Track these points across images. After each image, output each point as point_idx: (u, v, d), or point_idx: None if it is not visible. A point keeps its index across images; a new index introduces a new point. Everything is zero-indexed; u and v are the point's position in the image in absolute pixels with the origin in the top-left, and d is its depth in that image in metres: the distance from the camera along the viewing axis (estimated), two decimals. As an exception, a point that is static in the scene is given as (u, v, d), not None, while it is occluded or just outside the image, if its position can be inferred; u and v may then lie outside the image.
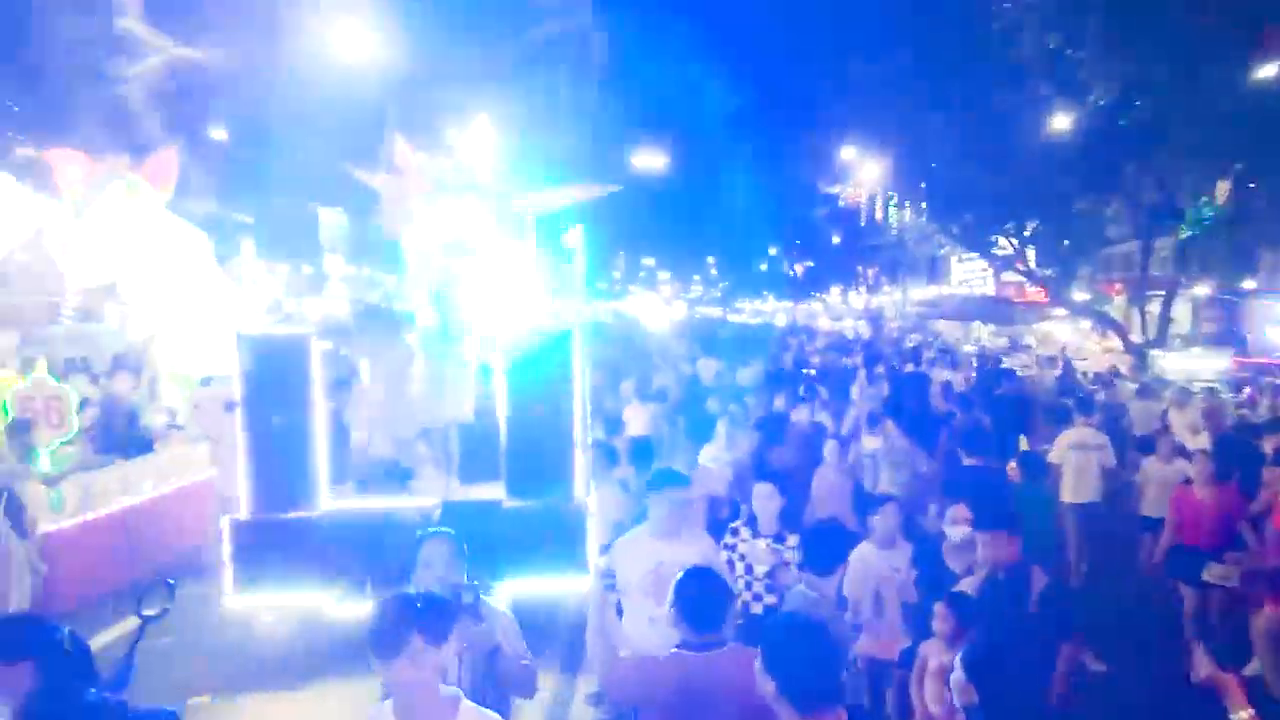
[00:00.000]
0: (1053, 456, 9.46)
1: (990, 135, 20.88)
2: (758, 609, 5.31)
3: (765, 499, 5.58)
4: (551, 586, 6.67)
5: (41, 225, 10.64)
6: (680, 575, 3.58)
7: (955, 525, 5.35)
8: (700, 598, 3.45)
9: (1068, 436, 9.59)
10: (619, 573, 4.64)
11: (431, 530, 4.01)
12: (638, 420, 13.48)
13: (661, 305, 79.80)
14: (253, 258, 8.39)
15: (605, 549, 6.02)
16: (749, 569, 5.38)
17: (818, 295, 60.79)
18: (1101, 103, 18.25)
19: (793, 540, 5.38)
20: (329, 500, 6.82)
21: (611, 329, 33.93)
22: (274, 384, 6.63)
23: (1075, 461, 9.34)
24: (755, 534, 5.49)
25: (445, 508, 6.79)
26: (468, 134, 8.46)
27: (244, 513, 6.62)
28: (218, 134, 22.60)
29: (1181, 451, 9.35)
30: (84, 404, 10.19)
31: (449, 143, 8.55)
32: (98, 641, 7.97)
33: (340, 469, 7.05)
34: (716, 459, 7.99)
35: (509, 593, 6.75)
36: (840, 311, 54.01)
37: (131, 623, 8.25)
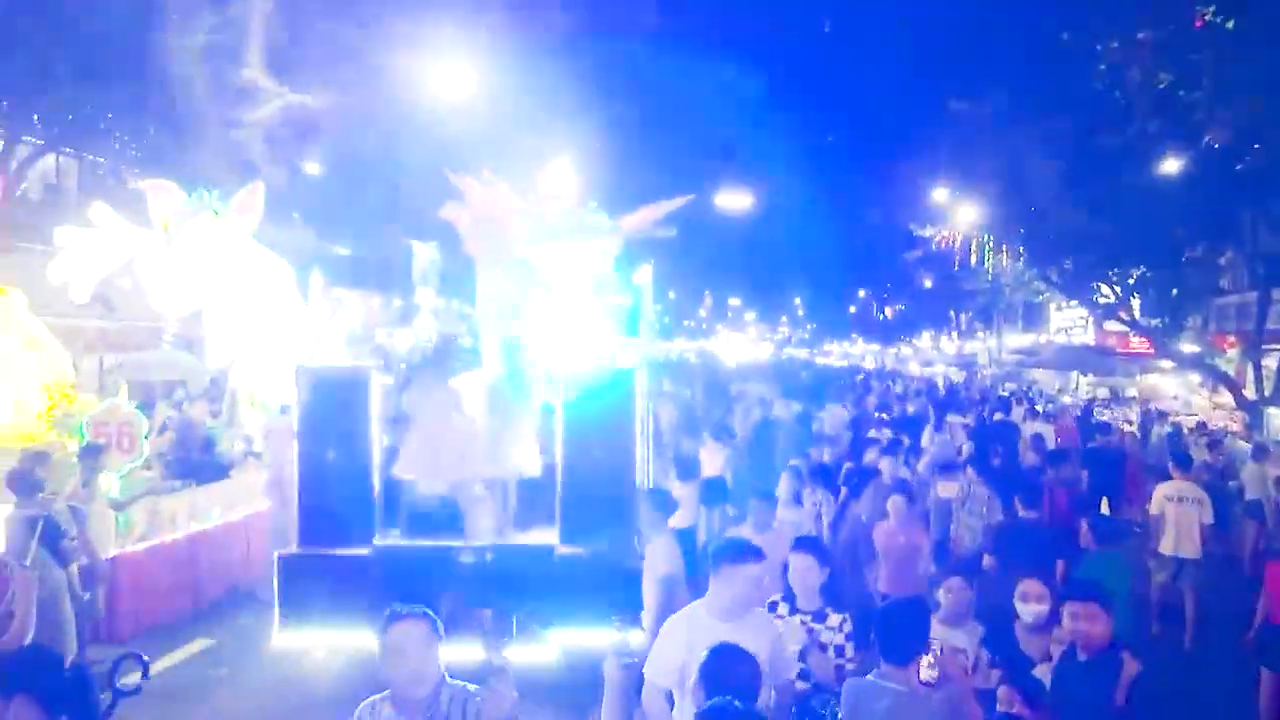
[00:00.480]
0: (1152, 509, 9.30)
1: (1095, 177, 19.98)
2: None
3: (803, 571, 4.77)
4: (604, 639, 6.35)
5: (135, 253, 10.94)
6: (706, 653, 3.22)
7: (1027, 603, 4.79)
8: (724, 678, 3.10)
9: (1164, 489, 9.34)
10: (664, 655, 4.05)
11: (403, 610, 3.44)
12: (713, 462, 13.17)
13: (748, 345, 79.35)
14: (322, 288, 8.36)
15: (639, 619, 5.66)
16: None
17: (907, 339, 59.33)
18: (1216, 145, 17.23)
19: (835, 619, 4.73)
20: (381, 537, 6.67)
21: (694, 368, 33.71)
22: (332, 418, 6.55)
23: (1174, 514, 9.05)
24: (793, 609, 4.82)
25: (497, 551, 6.59)
26: (548, 174, 8.33)
27: (295, 546, 6.52)
28: (319, 170, 23.38)
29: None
30: (163, 428, 10.39)
31: (535, 183, 8.43)
32: (159, 666, 8.03)
33: (393, 506, 6.91)
34: (783, 519, 7.50)
35: (560, 643, 6.51)
36: (931, 357, 52.52)
37: (196, 646, 8.27)
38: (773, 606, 4.86)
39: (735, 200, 28.67)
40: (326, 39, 18.93)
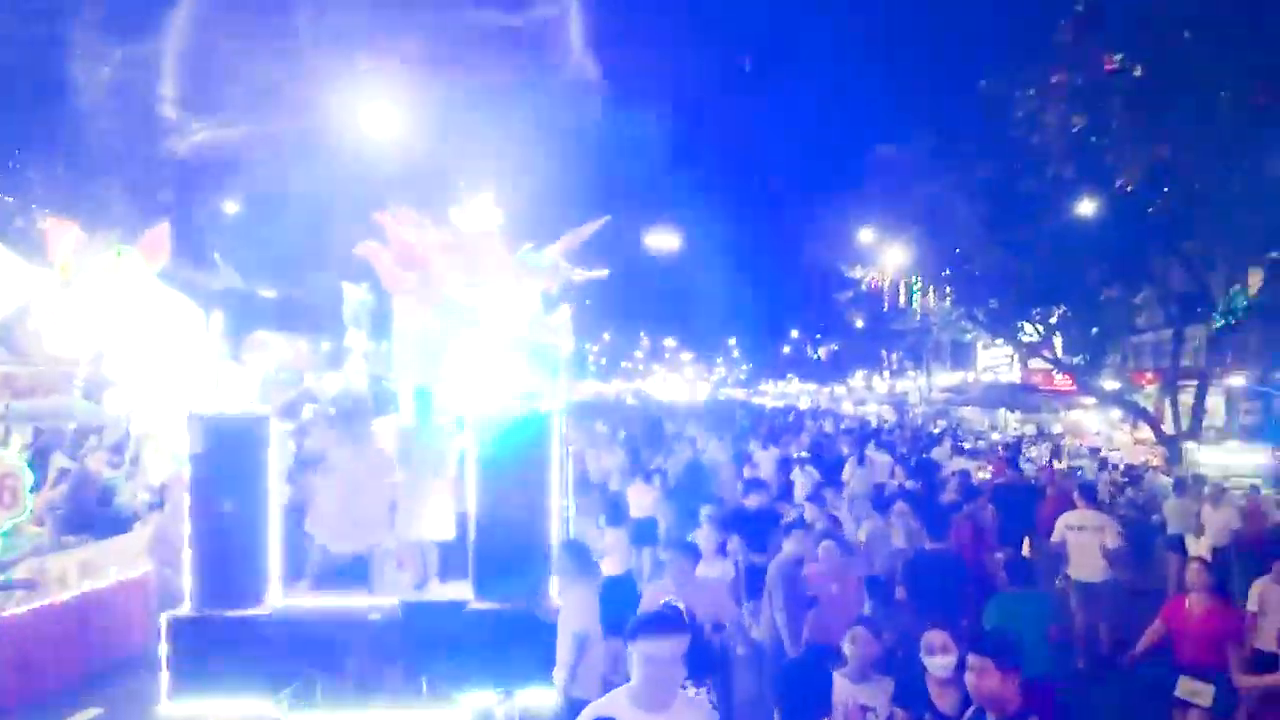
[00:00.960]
0: (1054, 538, 10.02)
1: (1015, 220, 20.49)
2: None
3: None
4: (517, 700, 6.02)
5: (31, 295, 10.38)
6: None
7: (933, 655, 4.52)
8: None
9: (1066, 518, 10.05)
10: None
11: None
12: (641, 503, 12.92)
13: (684, 385, 79.55)
14: (221, 333, 7.96)
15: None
16: None
17: (841, 379, 60.07)
18: (1129, 188, 17.80)
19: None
20: (279, 597, 6.24)
21: (629, 409, 33.51)
22: (226, 468, 6.13)
23: (1074, 541, 9.77)
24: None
25: (405, 608, 6.21)
26: (470, 210, 8.07)
27: (186, 608, 6.06)
28: (241, 210, 22.79)
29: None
30: (59, 480, 9.80)
31: (452, 219, 8.16)
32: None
33: (296, 563, 6.49)
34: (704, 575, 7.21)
35: (471, 704, 6.15)
36: (864, 396, 53.22)
37: (84, 717, 7.64)
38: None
39: (664, 240, 28.76)
40: (250, 76, 18.55)
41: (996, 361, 42.15)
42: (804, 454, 17.89)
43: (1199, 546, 11.30)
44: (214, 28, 17.30)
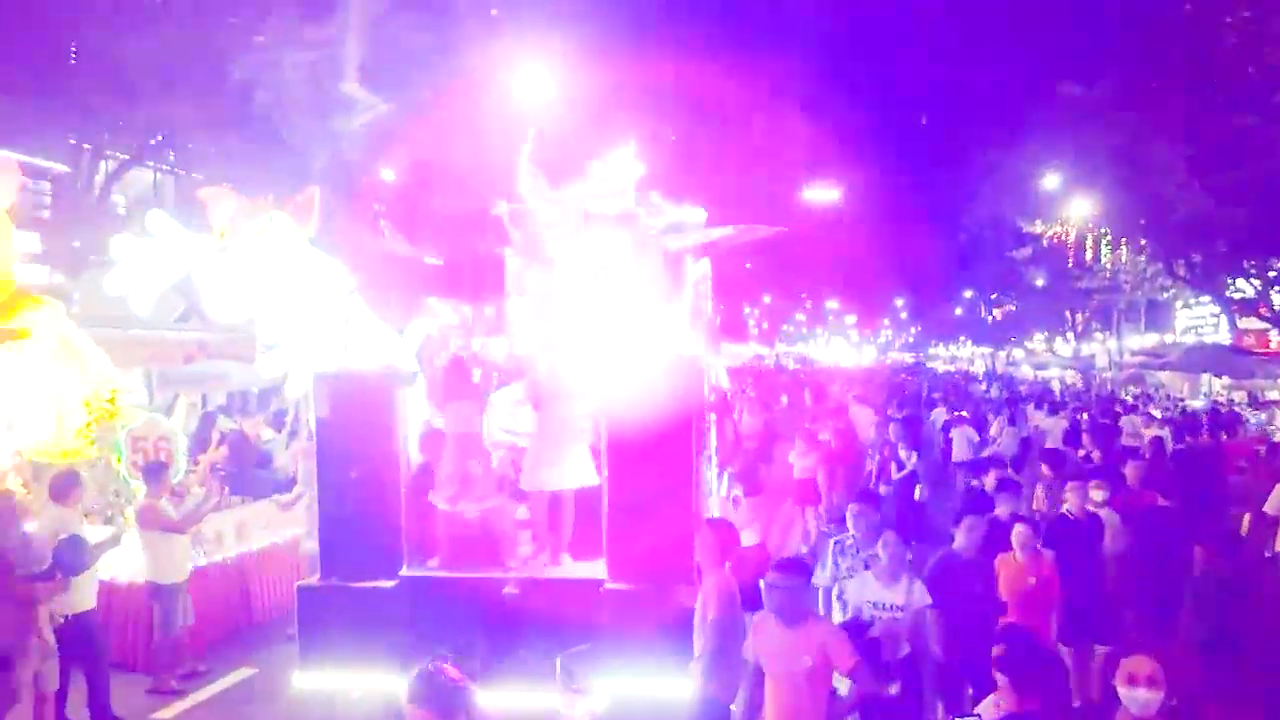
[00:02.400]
0: (1268, 507, 8.75)
1: (1227, 160, 18.10)
2: None
3: None
4: (658, 689, 5.50)
5: (192, 262, 10.69)
6: None
7: (1135, 687, 3.60)
8: None
9: None
10: None
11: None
12: (804, 464, 12.46)
13: (848, 349, 77.22)
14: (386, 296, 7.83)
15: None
16: None
17: (1019, 341, 56.38)
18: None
19: None
20: (411, 568, 5.98)
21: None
22: (354, 433, 5.89)
23: None
24: None
25: (539, 585, 5.82)
26: (610, 161, 7.53)
27: (315, 577, 5.89)
28: (408, 180, 23.34)
29: None
30: (221, 440, 10.05)
31: (593, 172, 7.64)
32: (200, 695, 7.59)
33: (427, 533, 6.20)
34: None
35: (608, 692, 5.69)
36: (1045, 359, 49.70)
37: (237, 677, 7.72)
38: None
39: (824, 195, 27.27)
40: (416, 50, 18.77)
41: (1199, 321, 38.29)
42: (963, 413, 17.66)
43: None
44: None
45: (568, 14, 20.44)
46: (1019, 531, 6.01)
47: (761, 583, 4.81)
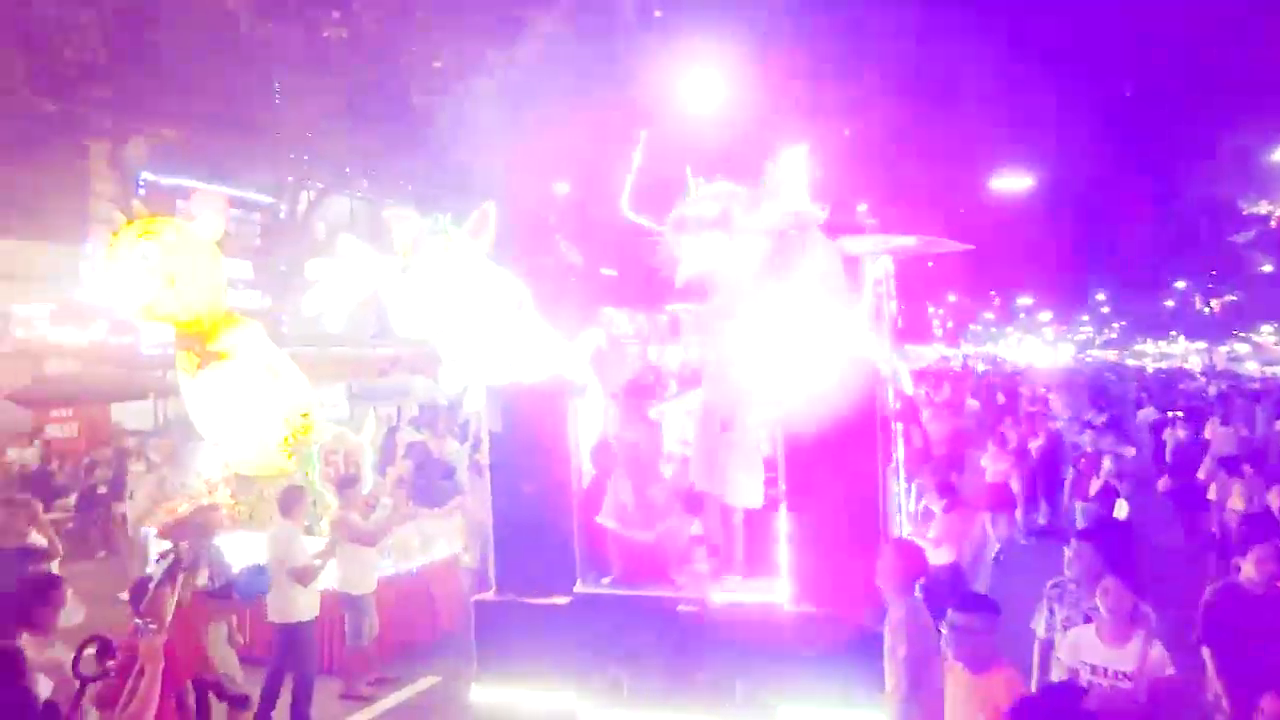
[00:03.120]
0: None
1: None
2: None
3: None
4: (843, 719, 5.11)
5: (378, 282, 11.17)
6: None
7: None
8: None
9: None
10: None
11: None
12: (996, 469, 11.79)
13: (1043, 348, 72.57)
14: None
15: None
16: None
17: (1242, 334, 51.06)
18: None
19: None
20: (585, 584, 5.85)
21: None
22: (528, 446, 5.84)
23: None
24: None
25: (716, 606, 5.55)
26: (783, 165, 7.21)
27: (492, 592, 5.86)
28: (576, 192, 23.80)
29: None
30: (407, 452, 10.38)
31: (767, 173, 7.33)
32: (388, 702, 7.81)
33: (599, 549, 6.06)
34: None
35: (791, 716, 5.34)
36: (1274, 355, 44.81)
37: (422, 685, 7.88)
38: None
39: (1014, 184, 25.47)
40: (572, 61, 19.09)
41: None
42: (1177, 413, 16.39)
43: None
44: (541, 12, 17.92)
45: (733, 14, 20.18)
46: None
47: (943, 624, 4.31)
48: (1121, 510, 8.87)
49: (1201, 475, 10.87)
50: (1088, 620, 4.76)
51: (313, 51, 16.43)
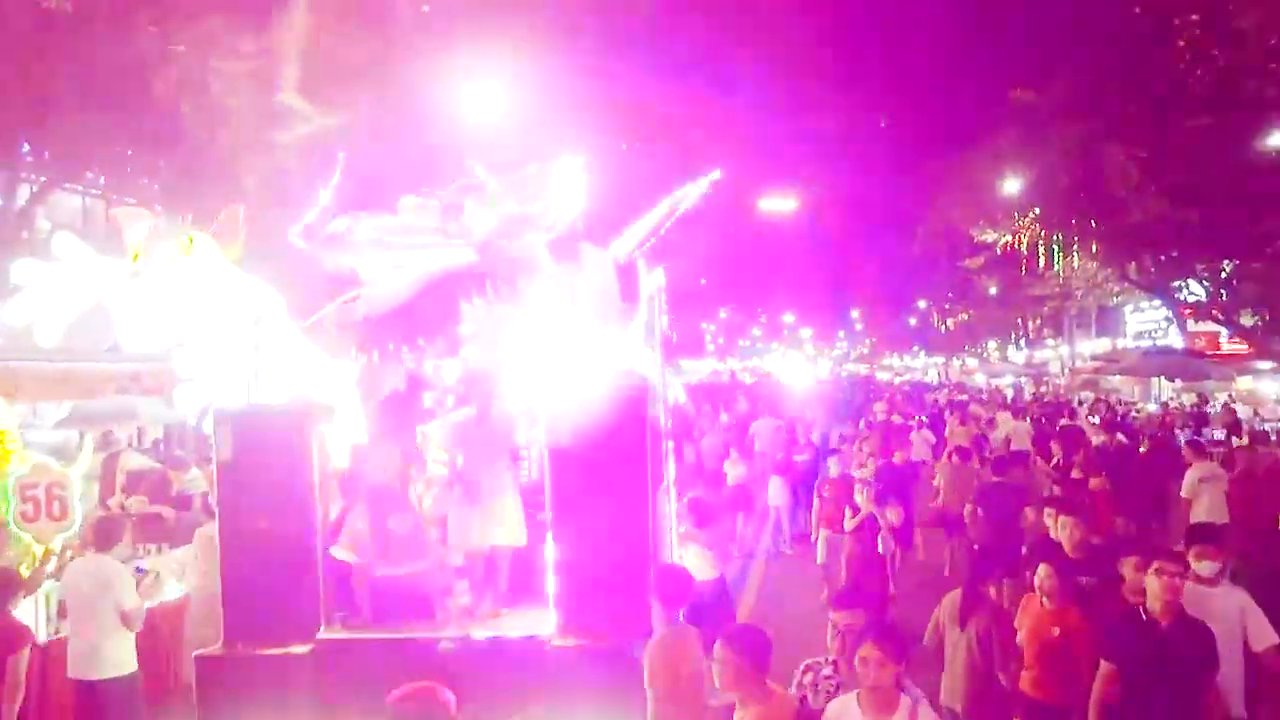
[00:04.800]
0: (1184, 491, 10.14)
1: (1180, 162, 18.04)
2: None
3: None
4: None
5: (104, 288, 9.83)
6: None
7: None
8: None
9: (1196, 471, 10.17)
10: None
11: None
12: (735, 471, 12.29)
13: (804, 363, 77.18)
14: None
15: None
16: None
17: (972, 349, 56.72)
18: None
19: None
20: (329, 629, 5.25)
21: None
22: (261, 476, 5.16)
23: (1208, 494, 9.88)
24: None
25: (478, 642, 5.12)
26: (547, 173, 6.87)
27: (218, 645, 5.13)
28: (354, 197, 22.55)
29: None
30: (130, 482, 9.19)
31: (533, 178, 6.94)
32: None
33: (349, 588, 5.47)
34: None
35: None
36: (999, 368, 49.99)
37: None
38: None
39: (781, 205, 26.73)
40: (341, 55, 18.02)
41: (1148, 326, 38.63)
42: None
43: None
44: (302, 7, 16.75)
45: (511, 23, 19.83)
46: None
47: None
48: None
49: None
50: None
51: (33, 23, 14.50)
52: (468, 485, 5.39)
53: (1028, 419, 19.98)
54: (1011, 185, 23.27)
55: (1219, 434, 18.37)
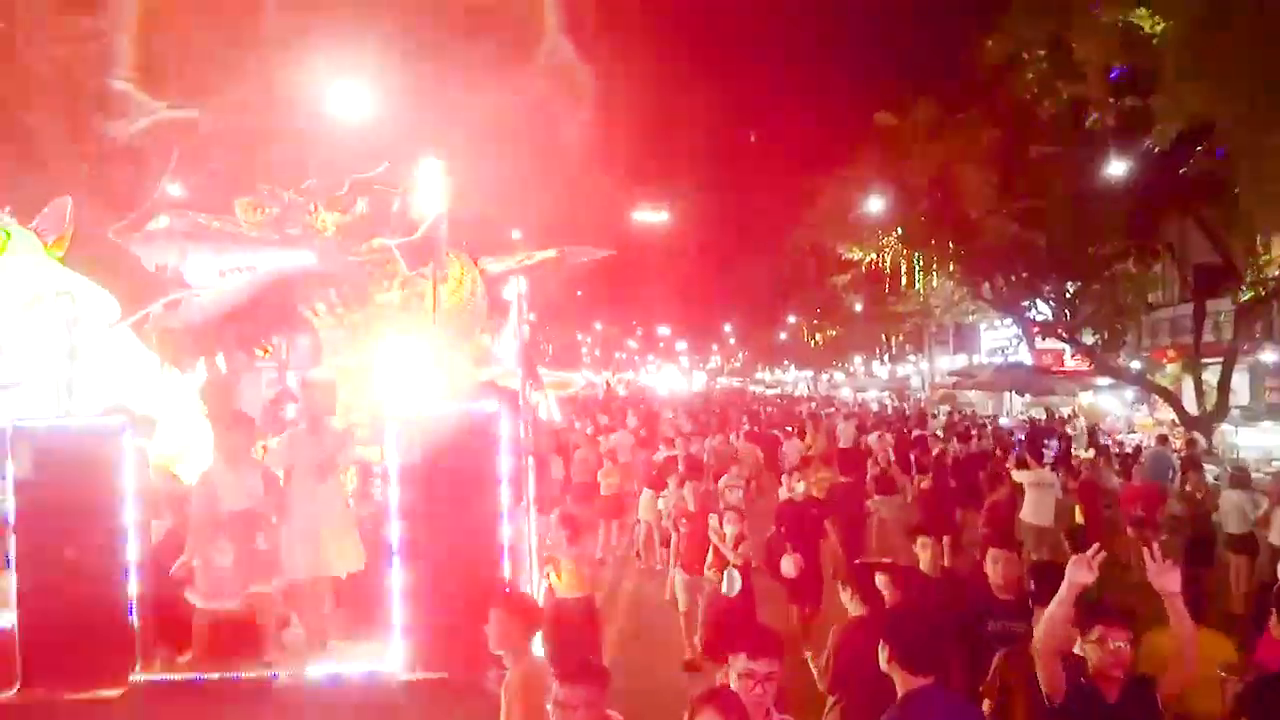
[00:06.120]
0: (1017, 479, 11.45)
1: (1029, 187, 19.04)
2: None
3: None
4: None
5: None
6: None
7: None
8: None
9: (1026, 475, 11.46)
10: None
11: None
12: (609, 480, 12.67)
13: (679, 376, 77.98)
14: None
15: None
16: None
17: (840, 365, 58.47)
18: (1157, 149, 16.25)
19: None
20: (147, 669, 4.73)
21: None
22: (65, 498, 4.61)
23: (1034, 495, 11.17)
24: None
25: (316, 679, 4.71)
26: (419, 178, 6.53)
27: (14, 689, 4.55)
28: (193, 190, 21.27)
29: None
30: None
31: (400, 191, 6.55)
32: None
33: (171, 623, 4.96)
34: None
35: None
36: (864, 382, 51.76)
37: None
38: None
39: (653, 219, 26.86)
40: (210, 48, 17.02)
41: (1001, 343, 40.70)
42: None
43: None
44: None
45: (382, 21, 19.16)
46: None
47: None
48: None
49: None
50: None
51: None
52: (292, 504, 4.95)
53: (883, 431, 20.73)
54: (875, 205, 24.03)
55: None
